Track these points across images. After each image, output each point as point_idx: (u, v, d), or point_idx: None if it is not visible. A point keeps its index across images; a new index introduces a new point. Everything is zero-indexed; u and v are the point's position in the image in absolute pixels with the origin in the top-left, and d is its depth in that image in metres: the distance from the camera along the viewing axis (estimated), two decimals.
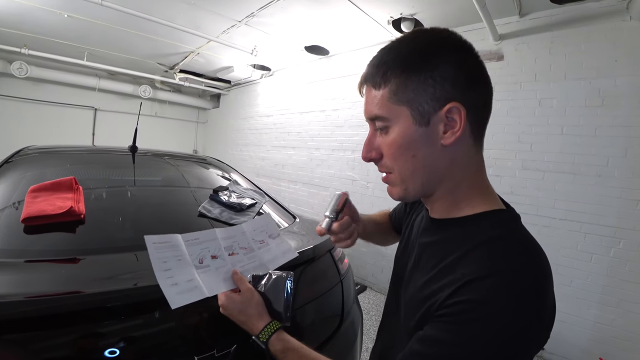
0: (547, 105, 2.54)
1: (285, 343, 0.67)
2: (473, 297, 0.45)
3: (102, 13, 3.35)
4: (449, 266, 0.51)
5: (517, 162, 2.66)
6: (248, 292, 0.74)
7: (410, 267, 0.64)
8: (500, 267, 0.46)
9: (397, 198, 0.59)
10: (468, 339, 0.44)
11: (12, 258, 0.93)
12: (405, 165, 0.54)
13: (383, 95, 0.54)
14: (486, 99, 0.54)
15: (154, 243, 0.74)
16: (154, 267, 0.71)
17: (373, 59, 0.57)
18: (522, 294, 0.44)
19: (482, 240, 0.50)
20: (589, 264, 2.33)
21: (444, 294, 0.48)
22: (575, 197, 2.39)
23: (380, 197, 3.71)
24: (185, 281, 0.72)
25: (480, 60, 0.53)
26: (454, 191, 0.56)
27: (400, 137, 0.53)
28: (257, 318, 0.70)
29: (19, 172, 1.49)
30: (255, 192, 1.79)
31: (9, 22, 3.81)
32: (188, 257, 0.77)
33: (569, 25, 2.47)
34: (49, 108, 5.66)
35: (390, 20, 3.13)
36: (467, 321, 0.45)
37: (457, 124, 0.50)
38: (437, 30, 0.54)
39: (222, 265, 0.81)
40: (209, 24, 3.62)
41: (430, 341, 0.48)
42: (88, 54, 4.82)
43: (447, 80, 0.50)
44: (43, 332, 0.72)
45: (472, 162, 0.55)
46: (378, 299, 3.45)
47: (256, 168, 5.73)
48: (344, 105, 4.20)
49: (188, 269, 0.75)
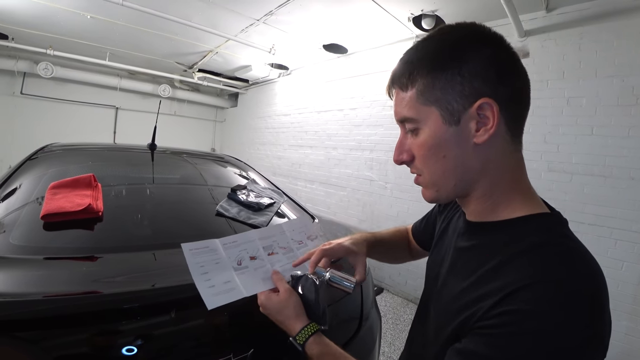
0: (576, 104, 2.43)
1: (322, 347, 0.64)
2: (520, 307, 0.41)
3: (122, 13, 3.40)
4: (490, 273, 0.48)
5: (543, 164, 2.56)
6: (286, 292, 0.71)
7: (444, 272, 0.60)
8: (553, 275, 0.42)
9: (429, 200, 0.57)
10: (514, 356, 0.40)
11: (32, 255, 0.93)
12: (435, 167, 0.52)
13: (411, 97, 0.52)
14: (522, 92, 0.51)
15: (190, 250, 0.74)
16: (192, 272, 0.70)
17: (400, 60, 0.55)
18: (578, 306, 0.40)
19: (527, 247, 0.46)
20: (620, 272, 2.22)
21: (486, 304, 0.44)
22: (606, 201, 2.28)
23: (399, 198, 3.64)
24: (222, 283, 0.72)
25: (512, 52, 0.50)
26: (491, 193, 0.52)
27: (431, 138, 0.51)
28: (295, 319, 0.68)
29: (42, 169, 1.52)
30: (273, 191, 1.77)
31: (36, 24, 3.93)
32: (226, 260, 0.77)
33: (599, 20, 2.35)
34: (73, 107, 5.82)
35: (411, 17, 3.07)
36: (513, 335, 0.41)
37: (490, 121, 0.48)
38: (463, 25, 0.52)
39: (260, 266, 0.81)
40: (227, 23, 3.63)
41: (470, 356, 0.44)
42: (110, 54, 4.93)
43: (476, 76, 0.47)
44: (59, 331, 0.72)
45: (510, 161, 0.52)
46: (395, 302, 3.40)
47: (273, 167, 5.74)
48: (363, 104, 4.14)
49: (226, 272, 0.75)
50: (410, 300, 3.41)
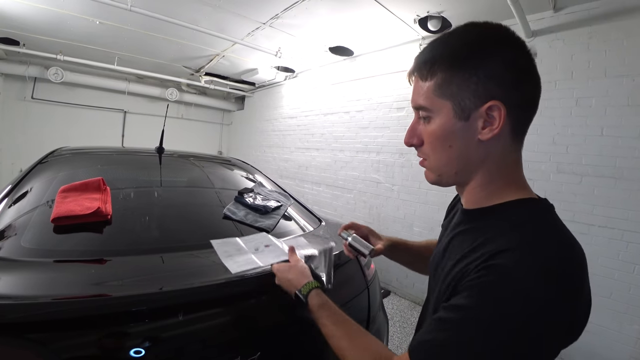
0: (585, 105, 2.40)
1: (322, 299, 0.75)
2: (497, 263, 0.46)
3: (131, 18, 3.44)
4: (477, 247, 0.52)
5: (552, 165, 2.53)
6: (295, 260, 0.91)
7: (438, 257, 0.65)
8: (529, 242, 0.48)
9: (431, 182, 0.63)
10: (490, 301, 0.45)
11: (42, 257, 0.94)
12: (441, 155, 0.57)
13: (429, 88, 0.56)
14: (533, 98, 0.54)
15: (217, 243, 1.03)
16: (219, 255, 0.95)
17: (423, 50, 0.59)
18: (550, 269, 0.45)
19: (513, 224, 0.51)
20: (632, 275, 2.18)
21: (470, 268, 0.50)
22: (617, 202, 2.24)
23: (406, 200, 3.62)
24: (243, 259, 0.95)
25: (531, 58, 0.53)
26: (488, 184, 0.57)
27: (440, 128, 0.56)
28: (301, 276, 0.83)
29: (52, 172, 1.54)
30: (280, 194, 1.77)
31: (46, 30, 4.00)
32: (245, 248, 1.02)
33: (609, 19, 2.33)
34: (82, 111, 5.90)
35: (417, 19, 3.06)
36: (488, 284, 0.46)
37: (496, 122, 0.51)
38: (489, 26, 0.54)
39: (275, 250, 1.04)
40: (233, 27, 3.66)
41: (452, 308, 0.49)
42: (118, 58, 4.99)
43: (492, 79, 0.51)
44: (68, 333, 0.72)
45: (509, 158, 0.56)
46: (402, 305, 3.37)
47: (279, 169, 5.75)
48: (369, 107, 4.14)
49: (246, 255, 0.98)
50: (418, 303, 3.39)
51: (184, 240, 1.22)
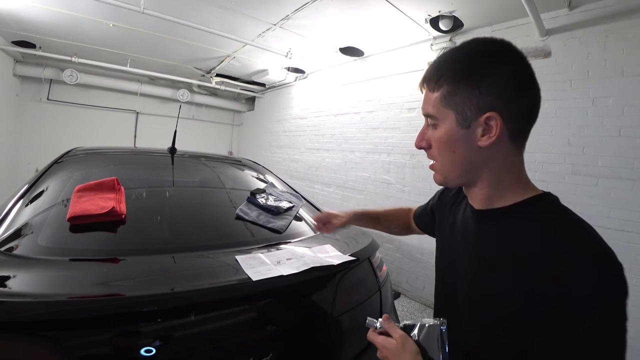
0: (602, 105, 2.34)
1: None
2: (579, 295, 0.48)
3: (143, 21, 3.50)
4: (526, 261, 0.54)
5: (567, 167, 2.47)
6: (401, 338, 0.65)
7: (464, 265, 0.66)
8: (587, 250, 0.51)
9: (438, 183, 0.68)
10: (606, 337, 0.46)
11: (58, 256, 0.96)
12: (447, 158, 0.63)
13: (436, 98, 0.61)
14: (531, 108, 0.58)
15: (242, 258, 1.06)
16: (243, 267, 0.98)
17: (433, 63, 0.64)
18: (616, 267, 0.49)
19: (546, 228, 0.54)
20: None
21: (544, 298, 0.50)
22: (635, 205, 2.18)
23: (417, 201, 3.56)
24: (264, 268, 0.99)
25: (531, 69, 0.58)
26: (496, 184, 0.61)
27: (445, 135, 0.61)
28: None
29: (67, 172, 1.56)
30: (291, 194, 1.77)
31: (62, 33, 4.09)
32: (268, 261, 1.06)
33: (626, 16, 2.27)
34: (96, 112, 6.01)
35: (428, 19, 3.04)
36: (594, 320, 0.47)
37: (493, 130, 0.56)
38: (493, 42, 0.59)
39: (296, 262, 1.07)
40: (244, 28, 3.68)
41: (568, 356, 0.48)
42: (131, 60, 5.07)
43: (492, 92, 0.55)
44: (82, 332, 0.73)
45: (512, 161, 0.61)
46: (412, 307, 3.35)
47: (290, 170, 5.76)
48: (380, 107, 4.12)
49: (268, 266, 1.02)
50: (428, 305, 3.35)
51: (197, 240, 1.23)
